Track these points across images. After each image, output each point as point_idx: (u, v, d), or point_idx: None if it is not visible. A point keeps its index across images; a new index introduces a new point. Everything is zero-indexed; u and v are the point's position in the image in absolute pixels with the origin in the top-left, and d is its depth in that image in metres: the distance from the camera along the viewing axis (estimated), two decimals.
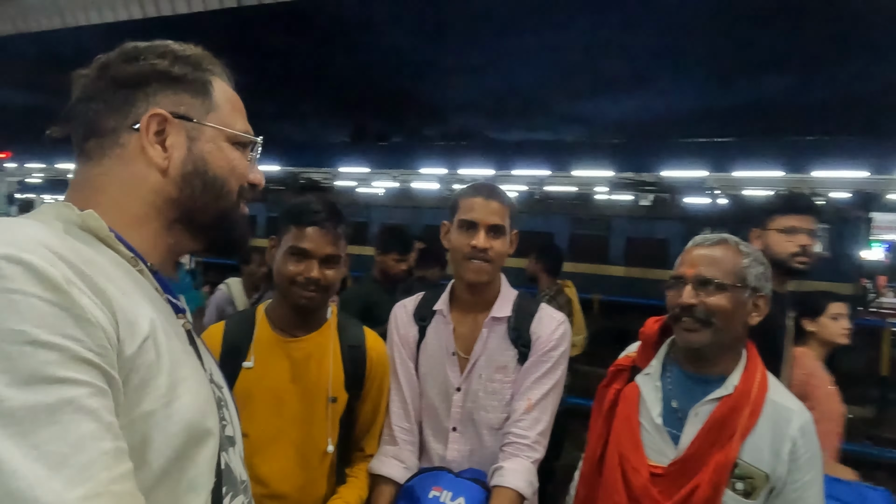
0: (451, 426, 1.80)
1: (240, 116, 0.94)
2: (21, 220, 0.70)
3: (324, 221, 1.66)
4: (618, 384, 1.70)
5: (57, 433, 0.56)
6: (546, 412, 1.75)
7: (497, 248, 1.76)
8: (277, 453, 1.66)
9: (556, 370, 1.77)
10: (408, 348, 1.88)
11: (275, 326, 1.74)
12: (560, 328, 1.81)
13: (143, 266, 0.81)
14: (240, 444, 0.96)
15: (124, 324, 0.68)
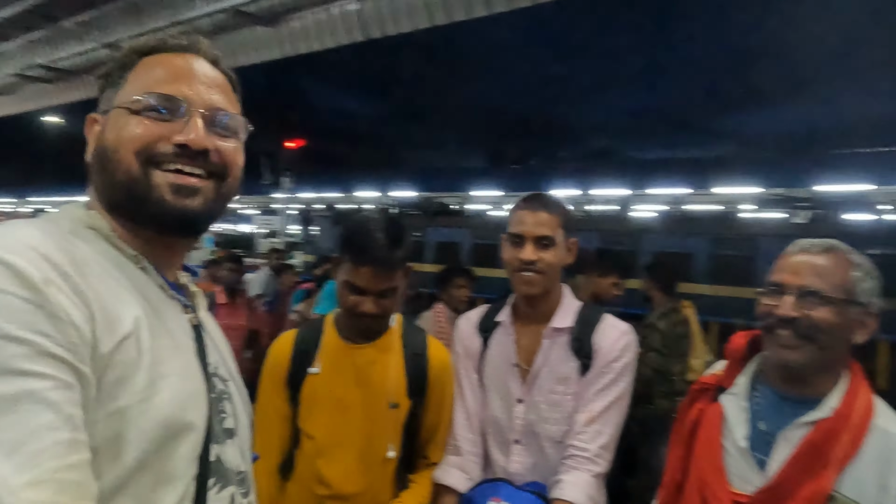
0: (514, 438, 1.78)
1: (149, 80, 0.88)
2: (24, 223, 0.75)
3: (378, 261, 1.61)
4: (700, 404, 1.58)
5: (14, 422, 0.60)
6: (608, 425, 1.70)
7: (546, 259, 1.73)
8: (341, 456, 1.70)
9: (620, 382, 1.72)
10: (472, 359, 1.88)
11: (341, 334, 1.79)
12: (623, 338, 1.76)
13: (145, 264, 0.85)
14: (243, 436, 0.97)
15: (103, 322, 0.71)
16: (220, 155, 0.88)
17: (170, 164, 0.84)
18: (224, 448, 0.88)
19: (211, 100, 0.89)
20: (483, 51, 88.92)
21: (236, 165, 0.92)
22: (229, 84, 0.96)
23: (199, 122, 0.86)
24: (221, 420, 0.90)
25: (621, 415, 1.73)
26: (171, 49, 0.92)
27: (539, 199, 1.79)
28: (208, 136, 0.86)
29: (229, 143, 0.90)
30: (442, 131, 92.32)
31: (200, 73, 0.90)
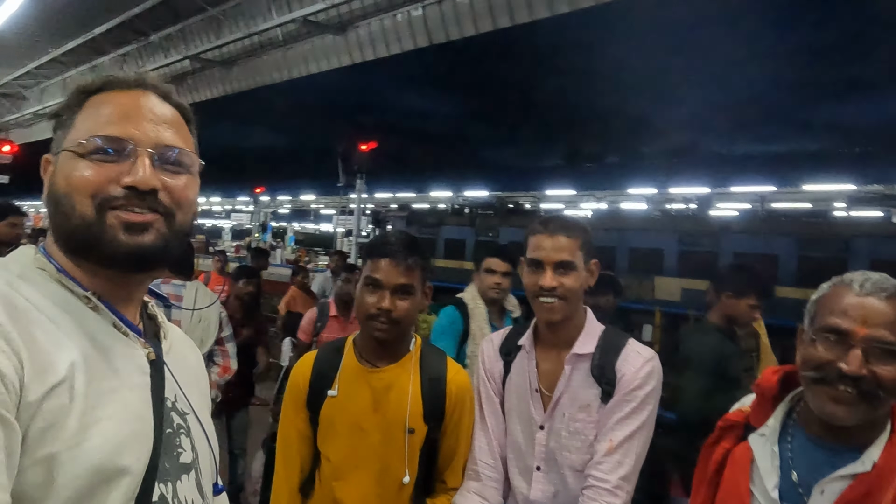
0: (536, 465, 1.74)
1: (95, 121, 0.87)
2: None
3: (396, 253, 1.71)
4: (727, 443, 1.45)
5: None
6: (629, 455, 1.63)
7: (567, 284, 1.69)
8: (357, 480, 1.72)
9: (642, 411, 1.66)
10: (493, 383, 1.85)
11: (359, 356, 1.80)
12: (647, 366, 1.69)
13: (96, 303, 0.85)
14: (205, 469, 0.96)
15: (32, 371, 0.72)
16: (168, 193, 0.87)
17: (120, 205, 0.84)
18: (176, 485, 0.88)
19: (158, 137, 0.88)
20: (559, 47, 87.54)
21: (187, 201, 0.91)
22: (182, 118, 0.95)
23: (146, 162, 0.85)
24: (177, 456, 0.90)
25: (644, 445, 1.67)
26: (119, 86, 0.91)
27: (557, 222, 1.75)
28: (156, 176, 0.86)
29: (179, 179, 0.89)
30: (516, 129, 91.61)
31: (147, 111, 0.89)
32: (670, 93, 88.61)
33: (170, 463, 0.87)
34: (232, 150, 58.00)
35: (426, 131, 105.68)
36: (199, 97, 16.25)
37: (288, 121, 74.10)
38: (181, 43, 14.13)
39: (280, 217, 51.31)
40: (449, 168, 44.49)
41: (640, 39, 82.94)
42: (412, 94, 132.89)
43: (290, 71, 13.13)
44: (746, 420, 1.44)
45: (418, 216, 20.49)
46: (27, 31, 12.76)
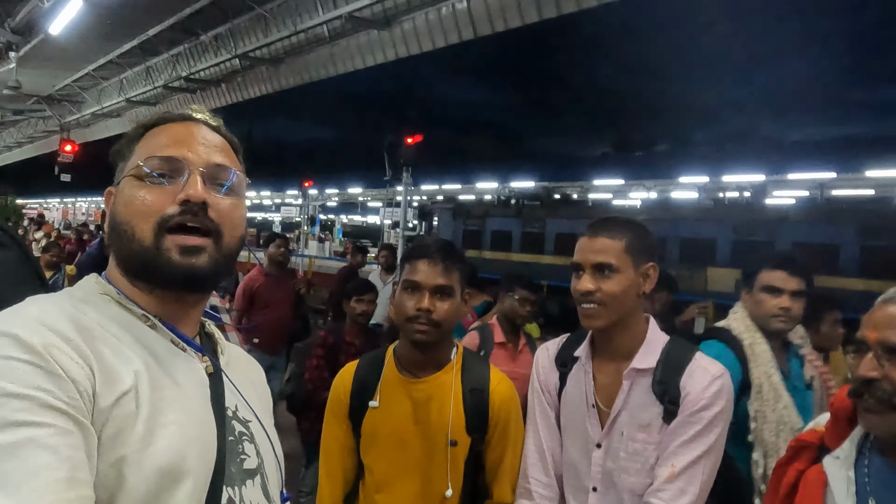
0: (592, 486, 1.64)
1: (153, 148, 0.94)
2: (37, 300, 0.86)
3: (433, 255, 1.70)
4: (800, 464, 1.38)
5: (16, 465, 0.67)
6: (693, 483, 1.50)
7: (607, 288, 1.58)
8: (400, 493, 1.70)
9: (709, 433, 1.52)
10: (549, 395, 1.75)
11: (400, 367, 1.78)
12: (715, 383, 1.55)
13: (154, 321, 0.91)
14: (270, 475, 1.00)
15: (103, 380, 0.78)
16: (217, 212, 0.93)
17: (175, 223, 0.90)
18: (242, 489, 0.92)
19: (209, 158, 0.95)
20: (607, 34, 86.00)
21: (232, 222, 0.96)
22: (230, 146, 1.03)
23: (198, 179, 0.91)
24: (241, 461, 0.94)
25: (710, 472, 1.53)
26: (174, 119, 0.99)
27: (602, 223, 1.66)
28: (207, 192, 0.92)
29: (227, 200, 0.96)
30: (563, 118, 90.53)
31: (199, 137, 0.97)
32: (723, 77, 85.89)
33: (235, 468, 0.92)
34: (281, 144, 58.85)
35: (472, 122, 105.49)
36: (249, 94, 16.55)
37: (335, 115, 74.84)
38: (230, 42, 14.37)
39: (328, 210, 51.99)
40: (495, 159, 44.29)
41: (692, 23, 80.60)
42: (458, 86, 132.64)
43: (337, 67, 13.23)
44: (821, 441, 1.37)
45: (464, 208, 20.44)
46: (84, 35, 13.18)
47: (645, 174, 24.92)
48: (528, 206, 18.41)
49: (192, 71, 15.99)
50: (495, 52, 73.32)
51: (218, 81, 16.68)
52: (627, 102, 76.10)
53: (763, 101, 65.48)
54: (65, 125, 22.29)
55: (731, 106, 66.57)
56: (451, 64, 60.86)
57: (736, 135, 36.20)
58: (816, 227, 12.91)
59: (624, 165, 26.40)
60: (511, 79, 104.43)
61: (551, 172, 26.67)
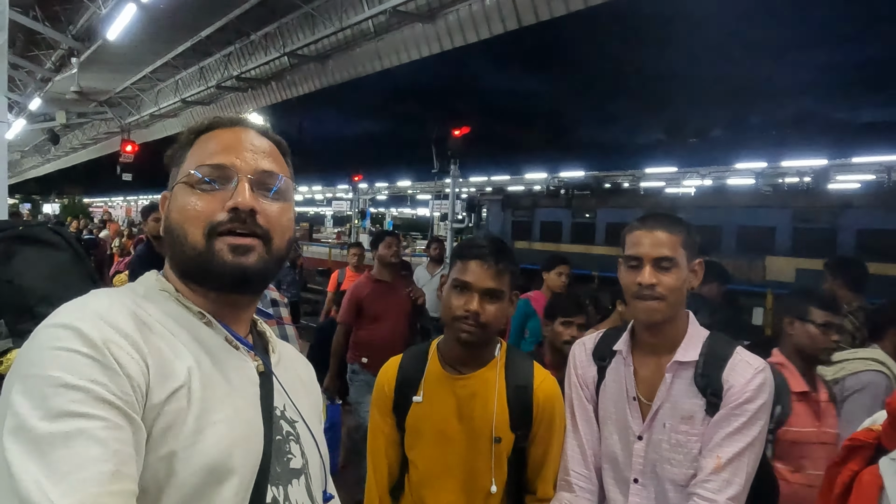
0: (633, 477, 1.66)
1: (204, 155, 0.97)
2: (101, 294, 0.89)
3: (486, 256, 1.69)
4: (854, 464, 1.33)
5: (66, 455, 0.70)
6: (739, 474, 1.53)
7: (667, 283, 1.59)
8: (444, 488, 1.71)
9: (753, 426, 1.55)
10: (586, 389, 1.78)
11: (444, 362, 1.79)
12: (758, 377, 1.57)
13: (210, 319, 0.95)
14: (315, 475, 1.02)
15: (157, 376, 0.81)
16: (265, 217, 0.95)
17: (226, 230, 0.92)
18: (287, 489, 0.94)
19: (257, 164, 0.97)
20: (658, 17, 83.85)
21: (281, 226, 0.98)
22: (278, 150, 1.04)
23: (246, 186, 0.94)
24: (287, 461, 0.96)
25: (754, 463, 1.56)
26: (224, 125, 1.02)
27: (657, 217, 1.67)
28: (255, 199, 0.94)
29: (275, 205, 0.98)
30: (613, 106, 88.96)
31: (247, 143, 0.99)
32: (784, 57, 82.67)
33: (280, 467, 0.94)
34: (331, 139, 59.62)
35: (520, 113, 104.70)
36: (298, 91, 16.81)
37: (384, 109, 75.23)
38: (279, 40, 14.62)
39: (378, 203, 52.56)
40: (544, 149, 43.83)
41: (749, 1, 77.68)
42: (505, 76, 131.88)
43: (383, 61, 13.30)
44: (877, 441, 1.31)
45: (513, 199, 20.31)
46: (140, 39, 13.61)
47: (699, 161, 24.31)
48: (577, 195, 18.14)
49: (243, 70, 16.34)
50: (542, 40, 72.27)
51: (268, 80, 17.00)
52: (681, 87, 73.82)
53: (827, 83, 62.27)
54: (125, 126, 23.11)
55: (791, 88, 63.76)
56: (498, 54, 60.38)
57: (797, 118, 34.75)
58: (885, 213, 12.29)
59: (677, 152, 25.80)
60: (559, 67, 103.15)
61: (601, 161, 26.31)
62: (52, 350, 0.76)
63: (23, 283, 1.31)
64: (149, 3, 10.52)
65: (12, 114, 18.32)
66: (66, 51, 15.38)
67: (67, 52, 15.34)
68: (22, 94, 18.99)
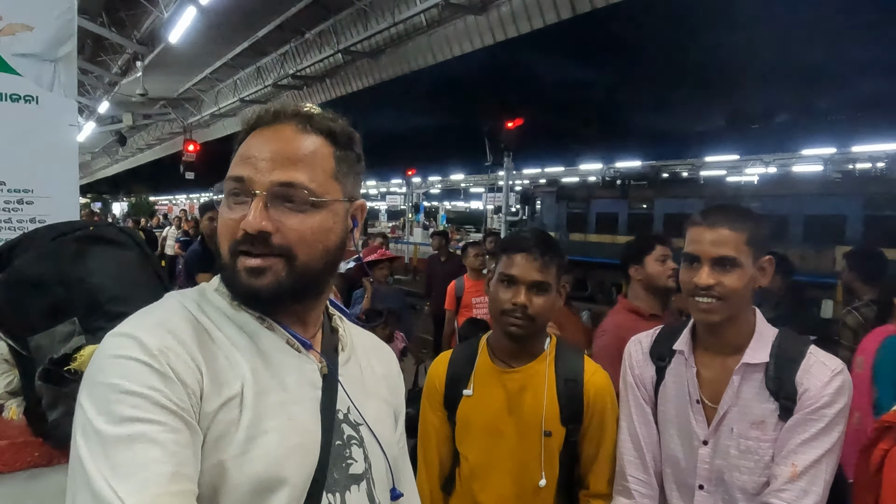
0: (698, 484, 1.58)
1: (233, 162, 0.94)
2: (164, 301, 0.92)
3: (532, 249, 1.68)
4: (885, 444, 1.29)
5: (129, 457, 0.74)
6: (817, 482, 1.43)
7: (727, 283, 1.50)
8: (494, 482, 1.71)
9: (831, 432, 1.45)
10: (644, 390, 1.70)
11: (493, 356, 1.78)
12: (836, 380, 1.47)
13: (270, 322, 0.94)
14: (379, 479, 1.00)
15: (211, 385, 0.83)
16: (283, 235, 0.88)
17: (242, 249, 0.89)
18: (345, 495, 0.93)
19: (274, 177, 0.88)
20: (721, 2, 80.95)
21: (305, 241, 0.90)
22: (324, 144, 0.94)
23: (258, 206, 0.87)
24: (346, 467, 0.95)
25: (832, 471, 1.46)
26: (266, 122, 0.94)
27: (719, 212, 1.56)
28: (266, 217, 0.87)
29: (298, 217, 0.89)
30: (671, 93, 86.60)
31: (271, 149, 0.91)
32: (855, 35, 78.57)
33: (339, 474, 0.93)
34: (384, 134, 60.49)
35: (574, 103, 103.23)
36: (352, 88, 17.03)
37: (436, 102, 75.53)
38: (333, 37, 14.83)
39: (431, 197, 52.82)
40: (599, 139, 43.12)
41: None
42: (559, 66, 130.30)
43: (435, 55, 13.33)
44: None
45: (567, 190, 20.04)
46: (200, 41, 14.02)
47: (763, 148, 23.43)
48: (634, 186, 17.76)
49: (298, 68, 16.66)
50: (596, 27, 70.67)
51: (323, 77, 17.28)
52: (743, 71, 70.84)
53: None
54: (187, 126, 23.90)
55: (863, 69, 60.26)
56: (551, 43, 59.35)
57: (869, 100, 32.84)
58: None
59: (739, 139, 24.92)
60: (614, 54, 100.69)
61: (659, 150, 25.69)
62: (114, 358, 0.80)
63: (93, 281, 1.35)
64: (208, 6, 10.82)
65: (83, 117, 19.17)
66: (131, 55, 16.01)
67: (132, 56, 15.96)
68: (91, 98, 19.85)
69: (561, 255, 1.73)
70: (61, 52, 2.19)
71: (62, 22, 2.19)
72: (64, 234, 1.40)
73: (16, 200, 2.12)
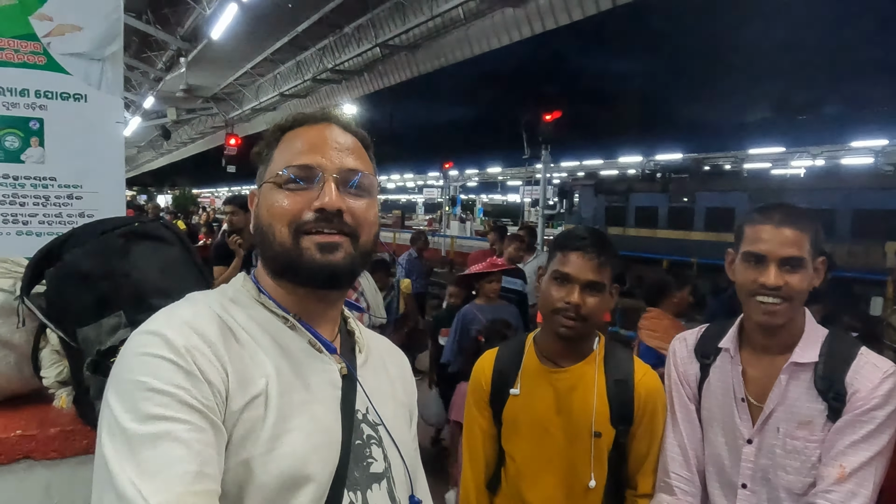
0: (741, 482, 1.56)
1: (292, 155, 0.97)
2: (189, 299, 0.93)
3: (588, 248, 1.65)
4: None
5: (155, 455, 0.74)
6: (865, 486, 1.41)
7: (794, 284, 1.47)
8: (542, 482, 1.70)
9: (882, 434, 1.42)
10: (688, 388, 1.68)
11: (541, 355, 1.77)
12: (888, 381, 1.44)
13: (294, 322, 0.96)
14: (398, 479, 1.01)
15: (236, 384, 0.84)
16: (351, 215, 0.95)
17: (313, 229, 0.93)
18: (367, 494, 0.93)
19: (342, 163, 0.97)
20: None
21: (367, 223, 0.98)
22: (361, 145, 1.04)
23: (332, 186, 0.94)
24: (367, 466, 0.95)
25: (881, 474, 1.43)
26: (308, 121, 1.02)
27: (784, 211, 1.53)
28: (341, 198, 0.94)
29: (360, 202, 0.97)
30: (714, 84, 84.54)
31: (332, 141, 0.99)
32: None
33: (359, 472, 0.93)
34: (421, 127, 60.20)
35: (613, 94, 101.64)
36: (390, 82, 17.09)
37: (474, 96, 74.80)
38: (371, 32, 14.89)
39: (468, 190, 52.76)
40: (639, 131, 42.40)
41: None
42: (598, 58, 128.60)
43: (472, 48, 13.29)
44: None
45: (606, 184, 19.78)
46: (241, 37, 14.27)
47: (810, 139, 22.73)
48: (675, 179, 17.43)
49: (337, 62, 16.79)
50: (637, 19, 69.20)
51: (361, 71, 17.38)
52: (789, 60, 68.26)
53: None
54: (229, 120, 24.31)
55: None
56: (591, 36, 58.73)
57: None
58: None
59: (785, 131, 24.23)
60: (655, 46, 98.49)
61: (700, 142, 25.14)
62: (141, 356, 0.80)
63: (138, 276, 1.39)
64: (249, 2, 10.98)
65: (128, 112, 19.69)
66: (175, 51, 16.35)
67: (176, 53, 16.31)
68: (137, 94, 20.38)
69: (616, 255, 1.71)
70: (108, 51, 2.25)
71: (109, 22, 2.25)
72: (111, 229, 1.44)
73: (66, 196, 2.18)
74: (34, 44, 2.13)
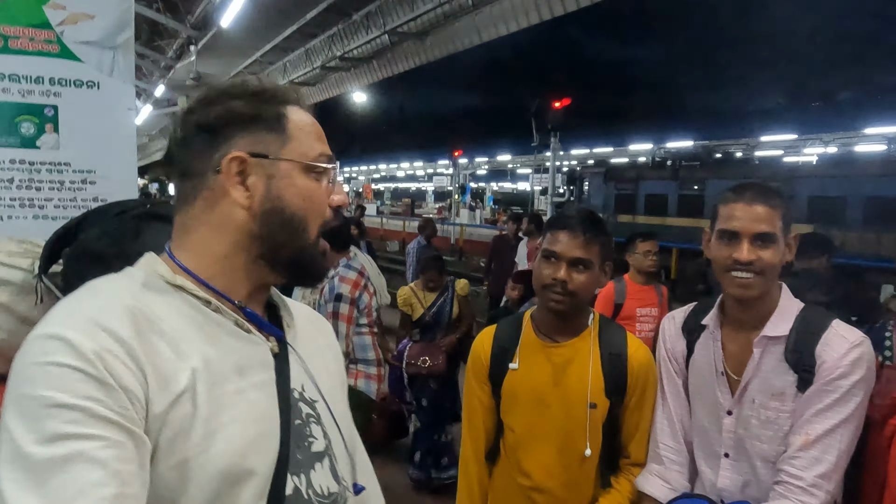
0: (723, 452, 1.66)
1: (316, 142, 0.94)
2: (94, 290, 0.83)
3: (574, 226, 1.72)
4: None
5: (66, 481, 0.66)
6: (830, 451, 1.48)
7: (766, 258, 1.55)
8: (539, 451, 1.78)
9: (847, 403, 1.49)
10: (675, 363, 1.79)
11: (538, 331, 1.84)
12: (854, 351, 1.50)
13: (218, 305, 0.87)
14: (339, 454, 0.98)
15: (157, 384, 0.76)
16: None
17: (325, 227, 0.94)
18: (310, 475, 0.90)
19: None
20: None
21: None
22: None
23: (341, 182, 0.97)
24: (308, 446, 0.92)
25: (850, 442, 1.50)
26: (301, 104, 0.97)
27: (756, 189, 1.61)
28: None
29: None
30: (725, 69, 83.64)
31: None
32: None
33: (302, 454, 0.90)
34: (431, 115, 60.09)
35: (624, 81, 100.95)
36: (398, 69, 17.06)
37: (483, 83, 74.42)
38: (379, 19, 14.85)
39: (478, 178, 52.65)
40: (649, 119, 42.13)
41: None
42: (607, 44, 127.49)
43: (481, 35, 13.24)
44: None
45: (616, 171, 19.71)
46: (250, 25, 14.26)
47: (822, 127, 22.51)
48: (685, 166, 17.34)
49: (346, 50, 16.77)
50: (647, 3, 68.47)
51: (370, 58, 17.35)
52: (802, 46, 67.34)
53: None
54: None
55: None
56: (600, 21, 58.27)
57: None
58: None
59: (797, 118, 24.01)
60: (665, 31, 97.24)
61: (711, 130, 24.96)
62: (42, 366, 0.71)
63: None
64: None
65: (140, 101, 19.78)
66: (185, 39, 16.37)
67: (186, 41, 16.32)
68: (148, 82, 20.45)
69: (606, 233, 1.77)
70: (120, 39, 2.30)
71: (121, 10, 2.30)
72: (125, 210, 1.49)
73: (80, 181, 2.25)
74: (48, 32, 2.18)
